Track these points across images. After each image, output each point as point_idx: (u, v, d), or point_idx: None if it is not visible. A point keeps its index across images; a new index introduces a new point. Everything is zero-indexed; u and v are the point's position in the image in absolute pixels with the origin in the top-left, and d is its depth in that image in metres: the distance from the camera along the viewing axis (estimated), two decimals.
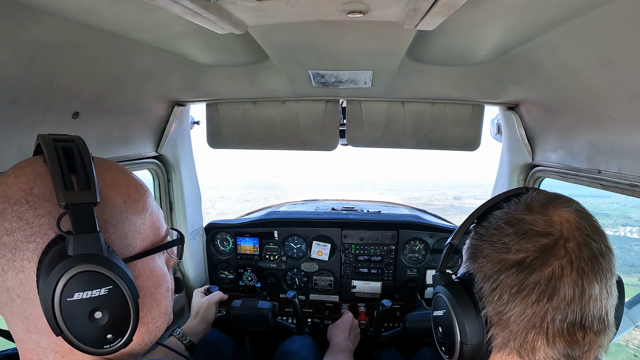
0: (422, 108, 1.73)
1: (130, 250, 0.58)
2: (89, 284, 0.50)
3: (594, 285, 0.58)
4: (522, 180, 1.69)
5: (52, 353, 0.54)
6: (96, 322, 0.51)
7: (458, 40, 1.08)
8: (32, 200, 0.51)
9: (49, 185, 0.53)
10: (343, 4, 0.74)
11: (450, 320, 0.66)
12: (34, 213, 0.51)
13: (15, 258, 0.50)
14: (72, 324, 0.50)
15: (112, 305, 0.52)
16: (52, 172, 0.51)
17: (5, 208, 0.51)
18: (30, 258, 0.51)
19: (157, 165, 1.78)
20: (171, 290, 0.68)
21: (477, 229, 0.70)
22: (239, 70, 1.44)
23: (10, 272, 0.51)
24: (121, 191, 0.59)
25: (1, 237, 0.50)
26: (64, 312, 0.49)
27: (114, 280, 0.52)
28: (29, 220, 0.51)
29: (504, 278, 0.61)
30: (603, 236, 0.62)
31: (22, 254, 0.50)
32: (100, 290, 0.51)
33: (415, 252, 2.02)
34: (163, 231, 0.65)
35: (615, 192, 1.08)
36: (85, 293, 0.50)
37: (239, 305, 1.69)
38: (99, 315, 0.51)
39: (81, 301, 0.50)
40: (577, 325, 0.58)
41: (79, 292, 0.50)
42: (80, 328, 0.50)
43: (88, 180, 0.53)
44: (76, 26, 0.88)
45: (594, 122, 1.12)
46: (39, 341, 0.53)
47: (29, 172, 0.54)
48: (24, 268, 0.51)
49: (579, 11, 0.78)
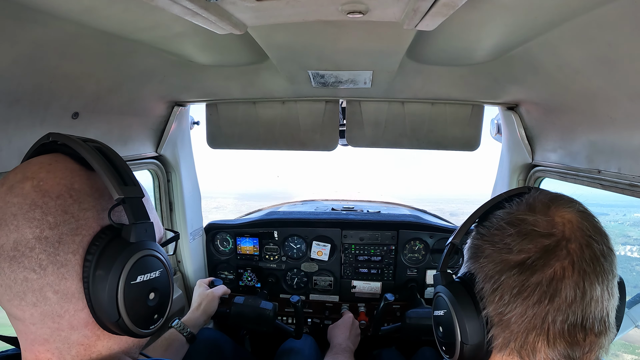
0: (422, 108, 1.73)
1: None
2: (149, 266, 0.56)
3: (596, 287, 0.58)
4: (522, 180, 1.69)
5: (76, 347, 0.55)
6: (150, 302, 0.56)
7: (458, 40, 1.08)
8: (75, 195, 0.54)
9: (86, 181, 0.56)
10: (343, 4, 0.74)
11: (451, 320, 0.66)
12: (79, 207, 0.53)
13: (58, 252, 0.51)
14: (132, 307, 0.54)
15: (162, 285, 0.58)
16: (100, 169, 0.55)
17: (47, 202, 0.51)
18: (76, 251, 0.52)
19: (157, 165, 1.78)
20: None
21: (478, 229, 0.70)
22: (238, 70, 1.44)
23: (50, 267, 0.50)
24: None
25: (43, 231, 0.50)
26: (126, 296, 0.53)
27: (164, 263, 0.58)
28: (74, 214, 0.52)
29: (505, 279, 0.61)
30: (605, 237, 0.62)
31: (66, 247, 0.51)
32: (156, 272, 0.57)
33: (415, 252, 2.02)
34: (162, 227, 0.71)
35: (615, 192, 1.08)
36: (146, 275, 0.55)
37: (242, 302, 1.68)
38: (152, 295, 0.57)
39: (142, 283, 0.55)
40: (577, 326, 0.58)
41: (141, 275, 0.55)
42: (137, 310, 0.55)
43: (131, 177, 0.58)
44: (76, 26, 0.88)
45: (593, 122, 1.12)
46: (69, 337, 0.54)
47: (62, 167, 0.55)
48: (67, 261, 0.51)
49: (578, 11, 0.78)
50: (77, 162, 0.57)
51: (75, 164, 0.57)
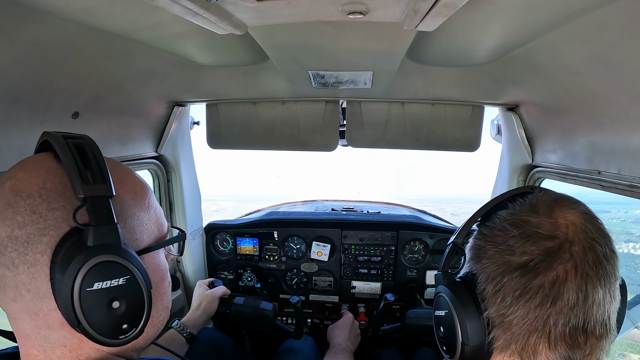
0: (422, 109, 1.73)
1: (139, 245, 0.60)
2: (108, 273, 0.52)
3: (598, 290, 0.58)
4: (522, 181, 1.69)
5: (60, 348, 0.54)
6: (114, 312, 0.52)
7: (458, 41, 1.08)
8: (45, 194, 0.52)
9: (61, 180, 0.54)
10: (343, 4, 0.74)
11: (452, 320, 0.66)
12: (48, 206, 0.52)
13: (27, 252, 0.51)
14: (90, 315, 0.51)
15: (129, 294, 0.53)
16: (67, 166, 0.52)
17: (18, 202, 0.51)
18: (44, 251, 0.51)
19: (157, 165, 1.78)
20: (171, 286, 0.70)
21: (481, 229, 0.70)
22: (238, 70, 1.44)
23: (21, 266, 0.51)
24: (128, 188, 0.61)
25: (13, 230, 0.50)
26: (83, 303, 0.50)
27: (131, 271, 0.53)
28: (42, 213, 0.51)
29: (507, 280, 0.60)
30: (608, 239, 0.62)
31: (34, 247, 0.51)
32: (119, 280, 0.52)
33: (415, 252, 2.02)
34: (165, 228, 0.67)
35: (614, 192, 1.08)
36: (105, 283, 0.51)
37: (242, 302, 1.68)
38: (117, 304, 0.52)
39: (100, 291, 0.51)
40: (579, 329, 0.58)
41: (98, 282, 0.51)
42: (98, 318, 0.51)
43: (103, 175, 0.54)
44: (76, 26, 0.88)
45: (593, 123, 1.12)
46: (48, 337, 0.54)
47: (39, 167, 0.54)
48: (36, 261, 0.51)
49: (578, 12, 0.78)
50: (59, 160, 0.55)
51: (55, 162, 0.55)
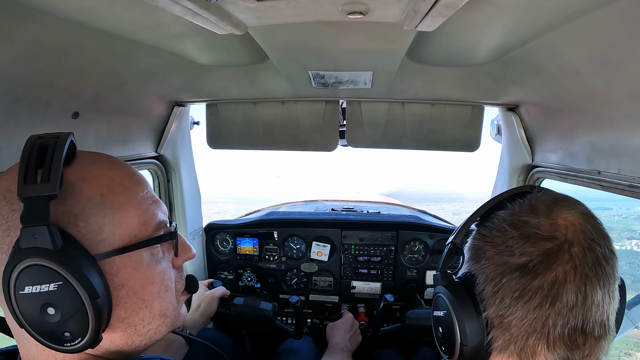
0: (422, 109, 1.73)
1: (107, 246, 0.55)
2: (38, 278, 0.49)
3: (597, 291, 0.58)
4: (522, 181, 1.69)
5: (34, 345, 0.55)
6: (50, 318, 0.50)
7: (458, 41, 1.08)
8: (9, 197, 0.53)
9: None
10: (343, 4, 0.74)
11: (450, 320, 0.66)
12: (9, 208, 0.53)
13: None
14: (28, 318, 0.50)
15: (63, 302, 0.50)
16: (19, 165, 0.52)
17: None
18: (7, 252, 0.52)
19: (156, 165, 1.78)
20: (174, 290, 0.65)
21: (479, 229, 0.70)
22: (238, 70, 1.44)
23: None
24: (100, 184, 0.57)
25: None
26: (19, 305, 0.50)
27: (63, 276, 0.50)
28: (5, 215, 0.53)
29: (506, 281, 0.60)
30: (607, 240, 0.62)
31: (1, 248, 0.52)
32: (49, 286, 0.50)
33: (415, 252, 2.02)
34: (153, 226, 0.61)
35: (614, 193, 1.08)
36: (35, 287, 0.49)
37: (241, 303, 1.69)
38: (52, 311, 0.50)
39: (31, 295, 0.49)
40: (578, 330, 0.58)
41: (28, 286, 0.49)
42: (35, 323, 0.50)
43: (49, 173, 0.51)
44: (76, 26, 0.88)
45: (593, 123, 1.12)
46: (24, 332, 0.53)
47: (11, 170, 0.56)
48: (2, 262, 0.52)
49: (578, 12, 0.78)
50: None
51: None
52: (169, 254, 0.65)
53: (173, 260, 0.66)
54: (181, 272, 0.69)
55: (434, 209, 2.78)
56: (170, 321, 0.64)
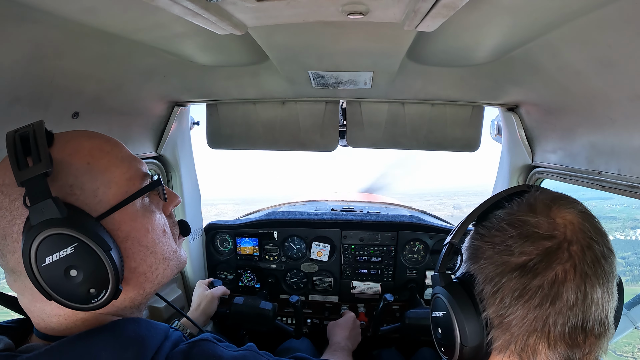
0: (422, 109, 1.73)
1: (104, 206, 0.61)
2: (55, 246, 0.54)
3: (597, 289, 0.58)
4: (522, 181, 1.68)
5: (55, 317, 0.61)
6: (74, 280, 0.55)
7: (458, 41, 1.08)
8: (5, 190, 0.57)
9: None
10: (343, 5, 0.74)
11: (450, 321, 0.66)
12: (9, 200, 0.57)
13: (7, 242, 0.57)
14: (55, 287, 0.55)
15: (83, 261, 0.55)
16: (9, 158, 0.56)
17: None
18: (17, 239, 0.56)
19: (156, 165, 1.78)
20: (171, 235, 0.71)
21: (477, 229, 0.69)
22: (239, 70, 1.44)
23: (8, 255, 0.58)
24: (83, 155, 0.62)
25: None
26: (45, 278, 0.54)
27: (77, 237, 0.55)
28: (7, 206, 0.57)
29: (506, 281, 0.60)
30: (605, 238, 0.62)
31: (10, 237, 0.57)
32: (67, 250, 0.55)
33: (415, 253, 2.02)
34: (139, 180, 0.67)
35: (614, 193, 1.08)
36: (54, 255, 0.54)
37: (241, 302, 1.68)
38: (74, 273, 0.55)
39: (52, 264, 0.54)
40: (578, 329, 0.58)
41: (48, 256, 0.54)
42: (63, 289, 0.55)
43: (39, 154, 0.56)
44: (76, 26, 0.88)
45: (593, 123, 1.12)
46: (44, 308, 0.60)
47: (2, 166, 0.60)
48: (15, 249, 0.57)
49: (578, 12, 0.78)
50: None
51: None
52: (158, 203, 0.72)
53: (163, 207, 0.72)
54: (173, 219, 0.75)
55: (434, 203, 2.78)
56: (174, 264, 0.71)
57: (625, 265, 15.19)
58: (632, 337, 8.66)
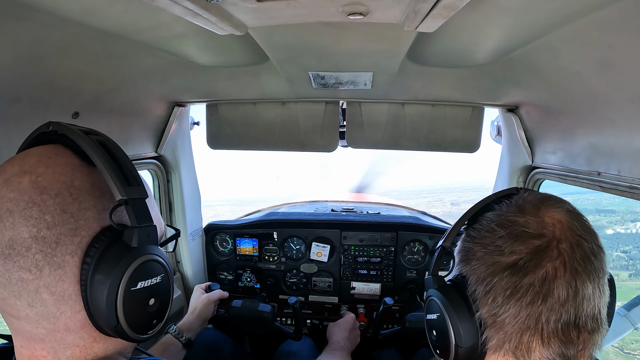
0: (422, 110, 1.73)
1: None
2: (150, 272, 0.54)
3: (587, 285, 0.59)
4: (522, 183, 1.69)
5: (71, 348, 0.54)
6: (150, 309, 0.54)
7: (458, 42, 1.08)
8: (75, 193, 0.51)
9: (87, 178, 0.53)
10: (343, 5, 0.74)
11: (444, 323, 0.66)
12: (79, 206, 0.51)
13: (55, 253, 0.49)
14: (130, 313, 0.52)
15: (163, 291, 0.56)
16: (103, 166, 0.52)
17: (45, 200, 0.49)
18: (74, 252, 0.50)
19: (156, 165, 1.78)
20: None
21: (468, 231, 0.70)
22: (239, 71, 1.44)
23: (46, 268, 0.49)
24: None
25: (39, 231, 0.48)
26: (125, 302, 0.51)
27: (165, 268, 0.56)
28: (73, 213, 0.50)
29: (497, 280, 0.61)
30: (594, 235, 0.62)
31: (64, 248, 0.49)
32: (157, 278, 0.55)
33: (414, 253, 2.02)
34: (163, 226, 0.68)
35: (614, 194, 1.08)
36: (147, 282, 0.53)
37: (239, 305, 1.68)
38: (153, 302, 0.54)
39: (143, 290, 0.53)
40: (571, 325, 0.58)
41: (142, 281, 0.53)
42: (137, 316, 0.53)
43: (135, 176, 0.55)
44: (76, 26, 0.88)
45: (593, 124, 1.12)
46: (64, 339, 0.53)
47: (62, 162, 0.53)
48: (65, 263, 0.49)
49: (578, 13, 0.78)
50: (78, 156, 0.55)
51: (76, 159, 0.54)
52: None
53: None
54: None
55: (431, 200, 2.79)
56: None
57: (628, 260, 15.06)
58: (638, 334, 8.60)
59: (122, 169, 0.54)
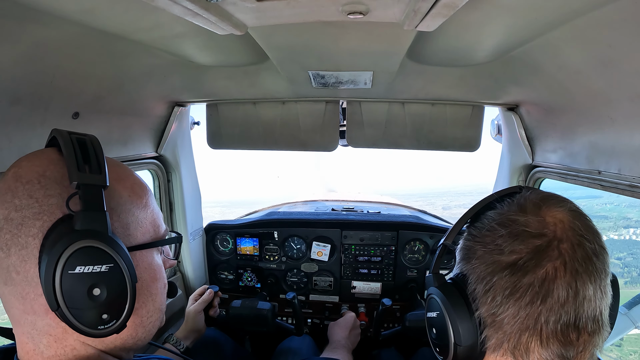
0: (422, 109, 1.73)
1: (131, 241, 0.60)
2: (92, 259, 0.52)
3: (588, 286, 0.58)
4: (522, 181, 1.68)
5: (45, 336, 0.55)
6: (94, 299, 0.52)
7: (458, 41, 1.08)
8: (43, 181, 0.54)
9: (61, 170, 0.56)
10: (343, 4, 0.74)
11: (444, 321, 0.66)
12: (45, 193, 0.54)
13: (20, 234, 0.52)
14: (70, 299, 0.51)
15: (111, 283, 0.53)
16: (66, 155, 0.54)
17: (17, 187, 0.53)
18: (36, 235, 0.53)
19: (157, 165, 1.78)
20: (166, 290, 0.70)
21: (470, 230, 0.70)
22: (239, 70, 1.44)
23: (13, 248, 0.52)
24: (126, 185, 0.62)
25: (9, 213, 0.52)
26: (63, 285, 0.51)
27: (115, 260, 0.53)
28: (38, 198, 0.53)
29: (497, 280, 0.61)
30: (597, 236, 0.62)
31: (27, 230, 0.52)
32: (102, 267, 0.53)
33: (415, 252, 2.02)
34: (162, 230, 0.68)
35: (615, 192, 1.08)
36: (87, 267, 0.52)
37: (239, 305, 1.68)
38: (97, 292, 0.53)
39: (82, 275, 0.51)
40: (571, 326, 0.58)
41: (80, 266, 0.51)
42: (77, 303, 0.51)
43: (99, 166, 0.55)
44: (76, 26, 0.88)
45: (594, 122, 1.12)
46: (35, 323, 0.54)
47: (43, 157, 0.57)
48: (27, 244, 0.52)
49: (578, 12, 0.78)
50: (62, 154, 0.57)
51: (58, 155, 0.58)
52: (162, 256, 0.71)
53: (164, 262, 0.71)
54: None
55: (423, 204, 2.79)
56: (161, 319, 0.68)
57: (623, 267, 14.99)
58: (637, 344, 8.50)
59: (88, 161, 0.55)
